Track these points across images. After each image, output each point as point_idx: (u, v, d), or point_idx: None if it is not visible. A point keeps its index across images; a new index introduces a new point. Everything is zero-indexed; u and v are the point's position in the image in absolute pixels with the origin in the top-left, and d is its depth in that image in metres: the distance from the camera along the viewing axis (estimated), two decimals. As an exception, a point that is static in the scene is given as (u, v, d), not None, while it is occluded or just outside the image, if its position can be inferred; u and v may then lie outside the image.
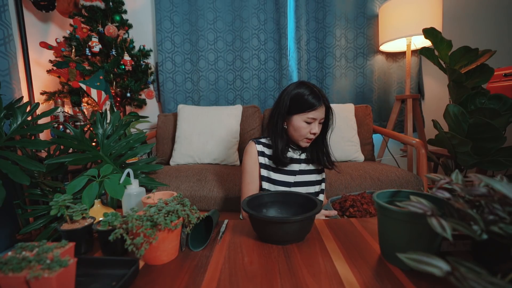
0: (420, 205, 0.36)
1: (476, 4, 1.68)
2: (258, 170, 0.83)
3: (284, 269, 0.43)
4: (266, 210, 0.63)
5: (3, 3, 1.10)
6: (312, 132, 0.79)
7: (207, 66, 1.79)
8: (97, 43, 1.44)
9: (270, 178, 0.83)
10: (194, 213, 0.50)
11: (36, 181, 0.85)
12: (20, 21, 1.37)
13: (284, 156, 0.80)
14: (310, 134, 0.79)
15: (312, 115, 0.77)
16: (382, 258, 0.45)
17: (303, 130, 0.79)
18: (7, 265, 0.33)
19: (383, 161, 1.77)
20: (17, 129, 0.81)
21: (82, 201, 0.64)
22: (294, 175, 0.84)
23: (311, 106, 0.76)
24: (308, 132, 0.79)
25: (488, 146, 1.06)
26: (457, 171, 0.44)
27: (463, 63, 1.16)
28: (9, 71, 1.11)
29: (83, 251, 0.51)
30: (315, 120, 0.78)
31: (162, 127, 1.61)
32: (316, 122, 0.79)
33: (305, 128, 0.78)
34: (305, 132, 0.79)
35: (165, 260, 0.46)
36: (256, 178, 0.83)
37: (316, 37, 1.76)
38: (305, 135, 0.79)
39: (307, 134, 0.79)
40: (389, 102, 1.76)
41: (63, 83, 1.43)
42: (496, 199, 0.33)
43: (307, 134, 0.79)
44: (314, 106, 0.76)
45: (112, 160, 0.96)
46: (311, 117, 0.77)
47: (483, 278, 0.24)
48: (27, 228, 0.76)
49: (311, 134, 0.79)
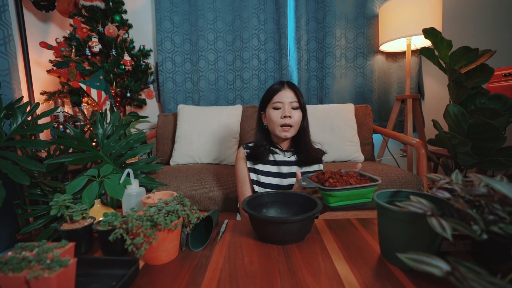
0: (420, 205, 0.36)
1: (476, 4, 1.68)
2: (247, 174, 0.83)
3: (284, 269, 0.43)
4: (266, 210, 0.63)
5: (3, 3, 1.10)
6: (283, 116, 0.77)
7: (207, 66, 1.79)
8: (97, 43, 1.44)
9: (260, 182, 0.83)
10: (194, 213, 0.50)
11: (36, 181, 0.85)
12: (20, 21, 1.37)
13: (260, 151, 0.81)
14: (282, 119, 0.77)
15: (277, 99, 0.78)
16: (382, 258, 0.45)
17: (274, 117, 0.78)
18: (7, 265, 0.33)
19: (383, 161, 1.77)
20: (17, 129, 0.81)
21: (82, 201, 0.64)
22: (284, 178, 0.83)
23: (274, 91, 0.79)
24: (280, 117, 0.78)
25: (488, 146, 1.06)
26: (457, 171, 0.44)
27: (463, 63, 1.16)
28: (9, 71, 1.11)
29: (83, 251, 0.51)
30: (282, 103, 0.78)
31: (162, 127, 1.61)
32: (285, 106, 0.77)
33: (276, 114, 0.78)
34: (277, 118, 0.78)
35: (165, 260, 0.46)
36: (247, 182, 0.83)
37: (316, 37, 1.76)
38: (278, 122, 0.78)
39: (279, 120, 0.78)
40: (389, 102, 1.76)
41: (63, 83, 1.43)
42: (496, 199, 0.33)
43: (279, 120, 0.78)
44: (276, 90, 0.79)
45: (112, 160, 0.96)
46: (277, 101, 0.78)
47: (483, 278, 0.24)
48: (27, 228, 0.76)
49: (283, 119, 0.77)
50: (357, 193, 0.59)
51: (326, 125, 1.44)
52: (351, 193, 0.58)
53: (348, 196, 0.58)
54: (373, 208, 1.13)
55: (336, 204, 0.58)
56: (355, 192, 0.58)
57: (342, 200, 0.58)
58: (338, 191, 0.56)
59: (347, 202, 0.59)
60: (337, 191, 0.56)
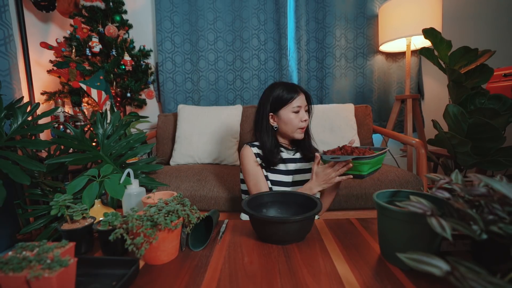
0: (420, 205, 0.36)
1: (475, 4, 1.69)
2: (260, 169, 0.83)
3: (284, 269, 0.43)
4: (266, 210, 0.63)
5: (4, 3, 1.10)
6: (303, 120, 0.82)
7: (207, 66, 1.79)
8: (97, 43, 1.44)
9: (268, 179, 0.84)
10: (194, 213, 0.50)
11: (37, 181, 0.85)
12: (20, 21, 1.37)
13: (273, 155, 0.82)
14: (302, 122, 0.82)
15: (296, 103, 0.81)
16: (382, 258, 0.46)
17: (294, 120, 0.82)
18: (8, 265, 0.34)
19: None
20: (17, 129, 0.82)
21: (83, 201, 0.64)
22: (291, 174, 0.85)
23: (292, 95, 0.82)
24: (299, 121, 0.82)
25: (488, 146, 1.06)
26: (457, 171, 0.44)
27: (462, 63, 1.16)
28: (9, 71, 1.11)
29: (83, 251, 0.51)
30: (300, 107, 0.81)
31: (162, 127, 1.61)
32: (303, 109, 0.82)
33: (295, 118, 0.82)
34: (297, 122, 0.82)
35: (165, 260, 0.46)
36: (262, 177, 0.83)
37: (316, 37, 1.76)
38: (297, 125, 0.82)
39: (299, 123, 0.82)
40: (389, 102, 1.76)
41: (63, 83, 1.44)
42: (496, 199, 0.34)
43: (299, 123, 0.82)
44: (294, 94, 0.82)
45: (112, 160, 0.96)
46: (296, 105, 0.81)
47: (482, 277, 0.24)
48: (28, 228, 0.76)
49: (302, 122, 0.82)
50: (379, 159, 0.69)
51: (326, 125, 1.44)
52: (377, 160, 0.67)
53: (375, 163, 0.67)
54: (373, 208, 1.14)
55: (369, 171, 0.66)
56: (379, 159, 0.68)
57: (372, 167, 0.66)
58: (371, 159, 0.63)
59: (373, 169, 0.68)
60: (370, 159, 0.63)
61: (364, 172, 0.65)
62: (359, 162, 0.64)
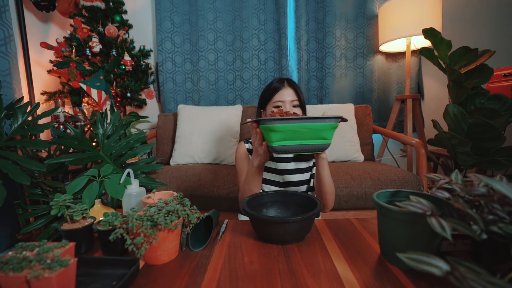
0: (419, 205, 0.36)
1: (475, 5, 1.69)
2: None
3: (284, 269, 0.43)
4: (266, 210, 0.63)
5: (4, 3, 1.10)
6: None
7: (207, 66, 1.79)
8: (97, 43, 1.44)
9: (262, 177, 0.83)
10: (194, 213, 0.50)
11: (37, 181, 0.85)
12: (20, 21, 1.37)
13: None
14: None
15: (278, 98, 0.77)
16: (382, 258, 0.46)
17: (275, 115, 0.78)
18: (8, 265, 0.34)
19: (383, 161, 1.77)
20: (17, 129, 0.82)
21: (83, 201, 0.64)
22: (282, 174, 0.83)
23: (275, 90, 0.78)
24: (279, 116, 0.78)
25: (488, 146, 1.06)
26: (457, 171, 0.44)
27: (462, 63, 1.17)
28: (9, 71, 1.11)
29: (83, 251, 0.51)
30: (283, 102, 0.77)
31: (162, 127, 1.61)
32: (287, 105, 0.76)
33: (276, 114, 0.77)
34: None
35: (165, 260, 0.46)
36: None
37: (316, 37, 1.76)
38: None
39: None
40: (389, 102, 1.76)
41: (63, 83, 1.44)
42: (496, 199, 0.34)
43: None
44: (277, 89, 0.78)
45: (112, 160, 0.96)
46: (277, 100, 0.77)
47: (482, 277, 0.24)
48: (28, 228, 0.76)
49: None
50: (307, 128, 0.44)
51: (326, 125, 1.44)
52: (299, 128, 0.44)
53: (295, 133, 0.45)
54: (373, 208, 1.14)
55: (280, 144, 0.46)
56: (303, 127, 0.44)
57: (288, 138, 0.45)
58: (280, 123, 0.43)
59: (296, 142, 0.46)
60: (279, 123, 0.43)
61: (272, 143, 0.46)
62: (265, 128, 0.46)
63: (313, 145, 0.48)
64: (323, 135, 0.47)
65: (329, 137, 0.48)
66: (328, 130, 0.47)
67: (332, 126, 0.48)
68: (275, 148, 0.48)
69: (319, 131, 0.46)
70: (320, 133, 0.47)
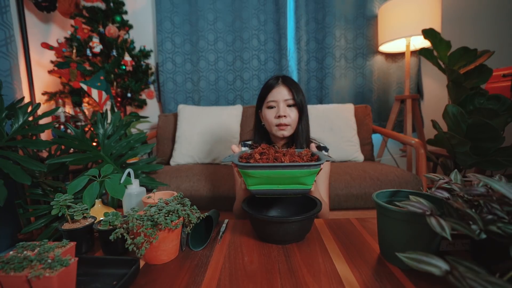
0: (419, 205, 0.36)
1: (475, 5, 1.69)
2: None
3: (284, 268, 0.43)
4: (266, 210, 0.63)
5: (5, 4, 1.11)
6: (278, 115, 0.72)
7: (207, 67, 1.79)
8: (98, 43, 1.44)
9: None
10: (194, 213, 0.50)
11: (37, 181, 0.86)
12: (21, 22, 1.37)
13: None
14: (277, 119, 0.73)
15: (271, 97, 0.74)
16: (381, 258, 0.46)
17: (269, 116, 0.74)
18: (9, 265, 0.34)
19: (382, 161, 1.77)
20: (18, 129, 0.82)
21: (83, 201, 0.64)
22: None
23: (269, 89, 0.75)
24: (274, 117, 0.73)
25: (487, 146, 1.06)
26: (456, 171, 0.44)
27: (462, 63, 1.17)
28: (10, 71, 1.11)
29: (84, 250, 0.51)
30: (277, 102, 0.73)
31: (162, 127, 1.61)
32: (280, 105, 0.73)
33: (271, 114, 0.74)
34: (271, 117, 0.74)
35: (165, 260, 0.46)
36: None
37: (315, 37, 1.77)
38: (272, 121, 0.74)
39: (274, 120, 0.74)
40: (388, 102, 1.76)
41: (64, 84, 1.44)
42: (495, 198, 0.34)
43: (274, 120, 0.74)
44: (271, 87, 0.74)
45: (113, 160, 0.96)
46: (270, 100, 0.74)
47: (481, 277, 0.24)
48: (29, 227, 0.76)
49: (278, 119, 0.73)
50: (283, 174, 0.44)
51: (325, 125, 1.44)
52: (274, 174, 0.44)
53: (272, 179, 0.45)
54: (373, 208, 1.14)
55: (256, 188, 0.47)
56: (280, 173, 0.44)
57: (265, 183, 0.46)
58: (254, 170, 0.43)
59: (271, 187, 0.46)
60: (253, 169, 0.44)
61: (248, 186, 0.47)
62: (242, 172, 0.46)
63: (291, 189, 0.47)
64: (302, 181, 0.46)
65: (310, 183, 0.47)
66: (307, 176, 0.45)
67: (312, 172, 0.45)
68: (251, 191, 0.49)
69: (297, 178, 0.45)
70: (298, 179, 0.45)
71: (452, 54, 1.16)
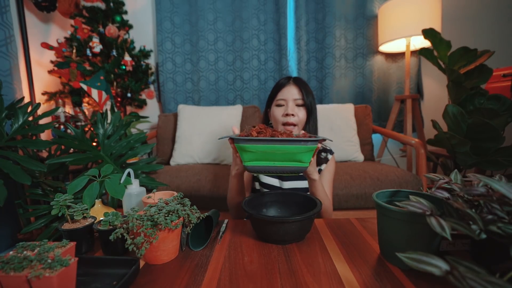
0: (419, 205, 0.36)
1: (475, 5, 1.69)
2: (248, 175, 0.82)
3: (284, 268, 0.43)
4: (266, 210, 0.63)
5: (5, 4, 1.11)
6: (286, 114, 0.72)
7: (207, 67, 1.79)
8: (97, 43, 1.44)
9: (260, 181, 0.82)
10: (194, 213, 0.50)
11: (37, 181, 0.86)
12: (21, 22, 1.37)
13: None
14: (284, 117, 0.73)
15: (280, 96, 0.74)
16: (381, 258, 0.46)
17: (277, 114, 0.75)
18: (9, 265, 0.34)
19: (382, 161, 1.77)
20: (18, 129, 0.82)
21: (83, 201, 0.64)
22: (282, 179, 0.80)
23: (279, 87, 0.76)
24: (282, 115, 0.74)
25: (487, 146, 1.06)
26: (456, 171, 0.44)
27: (462, 63, 1.17)
28: (10, 71, 1.11)
29: (84, 250, 0.51)
30: (286, 100, 0.74)
31: (162, 127, 1.61)
32: (289, 103, 0.73)
33: (279, 112, 0.74)
34: (278, 115, 0.74)
35: (165, 260, 0.46)
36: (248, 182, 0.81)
37: (316, 37, 1.77)
38: (279, 120, 0.74)
39: (281, 118, 0.74)
40: (388, 102, 1.76)
41: (64, 84, 1.44)
42: (495, 198, 0.34)
43: (281, 118, 0.74)
44: (281, 86, 0.75)
45: (113, 160, 0.96)
46: (280, 98, 0.75)
47: (481, 277, 0.24)
48: (28, 227, 0.76)
49: (285, 117, 0.73)
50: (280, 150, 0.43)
51: (325, 125, 1.45)
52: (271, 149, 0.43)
53: (267, 154, 0.44)
54: (373, 208, 1.14)
55: (252, 164, 0.46)
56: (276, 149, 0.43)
57: (260, 158, 0.45)
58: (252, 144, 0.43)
59: (268, 163, 0.45)
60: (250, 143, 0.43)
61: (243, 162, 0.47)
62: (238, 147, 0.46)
63: (287, 167, 0.46)
64: (298, 157, 0.45)
65: (306, 160, 0.46)
66: (304, 153, 0.44)
67: (308, 149, 0.45)
68: (246, 167, 0.48)
69: (293, 154, 0.44)
70: (294, 155, 0.45)
71: (452, 54, 1.16)
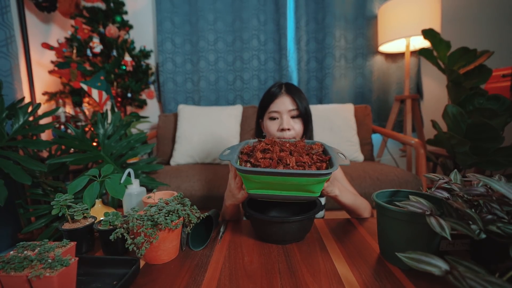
0: (419, 205, 0.36)
1: (474, 5, 1.69)
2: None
3: (284, 268, 0.43)
4: (266, 210, 0.63)
5: (5, 4, 1.11)
6: (281, 128, 0.67)
7: (208, 67, 1.79)
8: (98, 43, 1.45)
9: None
10: (195, 213, 0.50)
11: (38, 181, 0.86)
12: (22, 22, 1.37)
13: None
14: (280, 132, 0.67)
15: (273, 108, 0.68)
16: (381, 258, 0.46)
17: (271, 128, 0.69)
18: (9, 264, 0.34)
19: (382, 161, 1.77)
20: (19, 129, 0.82)
21: (83, 201, 0.64)
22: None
23: (271, 98, 0.69)
24: (276, 129, 0.68)
25: (487, 146, 1.06)
26: (456, 171, 0.44)
27: (461, 63, 1.17)
28: (11, 71, 1.11)
29: (84, 250, 0.51)
30: (280, 113, 0.68)
31: (162, 127, 1.61)
32: (284, 116, 0.67)
33: (273, 126, 0.69)
34: (273, 130, 0.68)
35: (165, 260, 0.46)
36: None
37: (315, 37, 1.77)
38: (275, 135, 0.68)
39: (276, 133, 0.68)
40: (388, 102, 1.76)
41: (64, 84, 1.44)
42: (495, 198, 0.34)
43: (276, 133, 0.68)
44: (273, 96, 0.68)
45: (113, 160, 0.96)
46: (273, 111, 0.68)
47: (481, 277, 0.24)
48: (29, 227, 0.76)
49: (281, 132, 0.67)
50: (288, 181, 0.38)
51: (325, 125, 1.45)
52: (278, 181, 0.38)
53: (273, 185, 0.40)
54: (373, 208, 1.14)
55: (257, 192, 0.42)
56: (284, 180, 0.38)
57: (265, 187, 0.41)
58: (255, 175, 0.38)
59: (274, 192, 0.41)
60: (253, 174, 0.38)
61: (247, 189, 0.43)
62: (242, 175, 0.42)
63: (296, 196, 0.42)
64: (309, 188, 0.41)
65: (317, 190, 0.42)
66: (315, 184, 0.40)
67: (320, 181, 0.40)
68: (250, 194, 0.45)
69: (303, 185, 0.40)
70: (305, 186, 0.40)
71: (452, 54, 1.16)
